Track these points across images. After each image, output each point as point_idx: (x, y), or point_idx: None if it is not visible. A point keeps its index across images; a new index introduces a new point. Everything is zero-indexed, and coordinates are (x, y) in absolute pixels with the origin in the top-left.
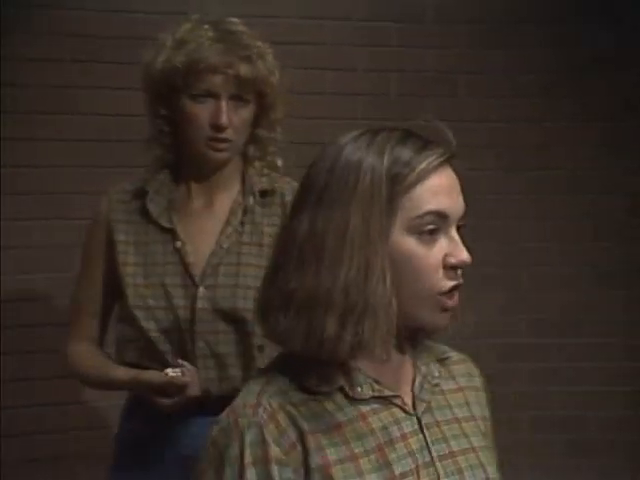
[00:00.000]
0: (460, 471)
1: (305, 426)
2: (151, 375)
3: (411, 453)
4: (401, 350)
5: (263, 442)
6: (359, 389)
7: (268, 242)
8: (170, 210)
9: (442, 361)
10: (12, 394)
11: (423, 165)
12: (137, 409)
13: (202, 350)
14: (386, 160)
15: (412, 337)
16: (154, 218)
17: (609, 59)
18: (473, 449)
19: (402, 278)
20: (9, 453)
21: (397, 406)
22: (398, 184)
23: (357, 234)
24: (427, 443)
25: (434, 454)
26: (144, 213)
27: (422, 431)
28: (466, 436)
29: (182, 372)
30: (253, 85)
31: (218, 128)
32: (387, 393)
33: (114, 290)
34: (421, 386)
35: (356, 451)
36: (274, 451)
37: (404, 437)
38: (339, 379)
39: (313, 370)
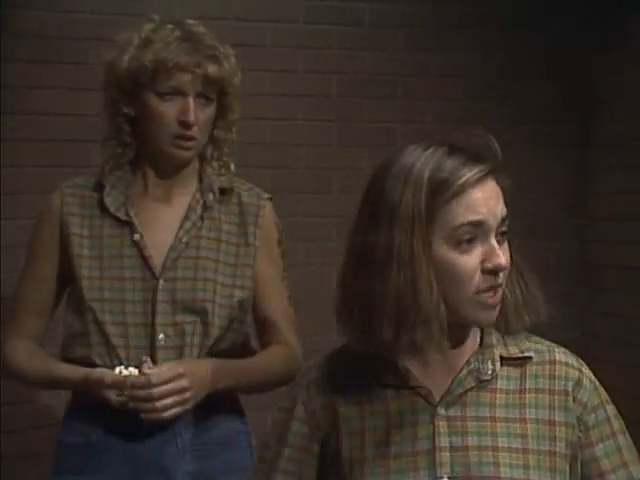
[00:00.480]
0: (467, 465)
1: (331, 398)
2: (103, 374)
3: (414, 439)
4: (453, 346)
5: (295, 400)
6: (385, 376)
7: (226, 238)
8: (127, 204)
9: (514, 360)
10: (12, 391)
11: (461, 180)
12: (84, 406)
13: (162, 342)
14: (428, 175)
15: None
16: (111, 212)
17: (542, 61)
18: (494, 448)
19: (446, 282)
20: (9, 449)
21: (421, 395)
22: (437, 198)
23: (402, 249)
24: (434, 433)
25: (440, 444)
26: (100, 207)
27: (433, 422)
28: (493, 435)
29: (139, 369)
30: (218, 84)
31: (186, 125)
32: (411, 383)
33: (63, 287)
34: (460, 381)
35: (365, 426)
36: (298, 410)
37: (415, 424)
38: (373, 365)
39: (358, 355)
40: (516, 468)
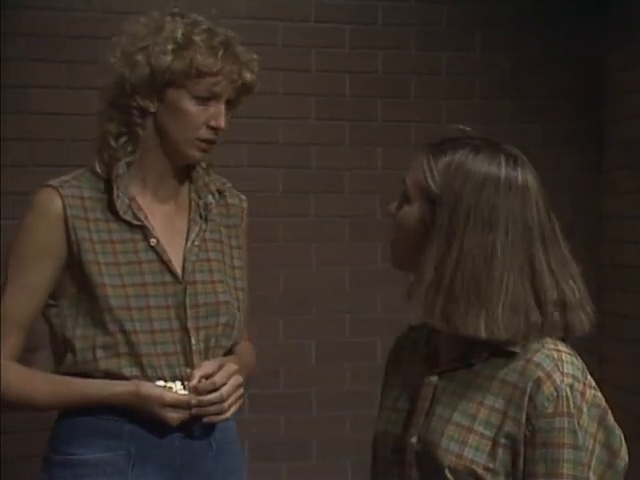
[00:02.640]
0: (427, 429)
1: (396, 348)
2: (160, 391)
3: (414, 399)
4: (463, 337)
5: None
6: (428, 341)
7: (224, 240)
8: (133, 207)
9: (502, 352)
10: None
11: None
12: (108, 418)
13: (195, 346)
14: None
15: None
16: (120, 215)
17: (556, 60)
18: (447, 419)
19: None
20: (9, 450)
21: (431, 364)
22: None
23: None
24: (419, 396)
25: (420, 407)
26: (103, 210)
27: (422, 387)
28: (453, 409)
29: (182, 382)
30: (247, 91)
31: (216, 130)
32: (424, 351)
33: (47, 299)
34: (454, 361)
35: (398, 373)
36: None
37: (419, 386)
38: (424, 334)
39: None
40: (454, 442)
